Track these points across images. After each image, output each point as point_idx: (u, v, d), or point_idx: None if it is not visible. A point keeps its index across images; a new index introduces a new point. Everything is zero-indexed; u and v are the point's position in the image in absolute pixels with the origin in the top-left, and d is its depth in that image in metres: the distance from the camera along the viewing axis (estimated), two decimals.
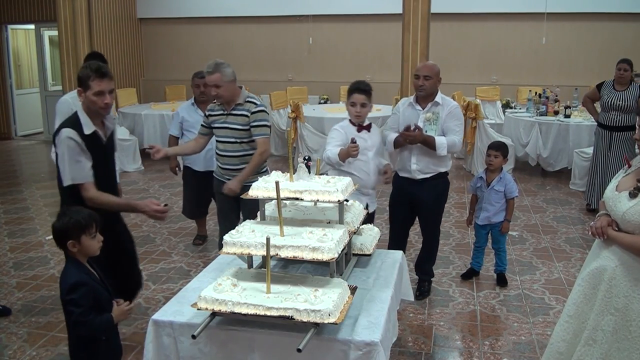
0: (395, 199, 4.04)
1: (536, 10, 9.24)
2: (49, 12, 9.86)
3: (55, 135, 2.84)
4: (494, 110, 9.25)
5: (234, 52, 10.81)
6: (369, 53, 10.27)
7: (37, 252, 5.00)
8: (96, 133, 2.84)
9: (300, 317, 1.96)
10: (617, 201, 2.31)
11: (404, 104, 3.92)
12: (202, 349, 2.15)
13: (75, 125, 2.77)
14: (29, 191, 7.14)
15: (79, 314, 2.29)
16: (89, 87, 2.73)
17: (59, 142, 2.76)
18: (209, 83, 3.57)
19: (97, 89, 2.73)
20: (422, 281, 4.10)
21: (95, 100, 2.75)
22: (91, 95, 2.74)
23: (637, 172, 2.35)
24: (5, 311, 3.78)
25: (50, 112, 10.62)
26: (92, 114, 2.81)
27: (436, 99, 3.76)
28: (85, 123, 2.79)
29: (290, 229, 2.30)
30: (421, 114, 3.77)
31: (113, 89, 2.84)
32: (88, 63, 2.87)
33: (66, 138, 2.72)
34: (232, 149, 3.71)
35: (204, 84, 4.58)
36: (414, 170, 3.79)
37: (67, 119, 2.87)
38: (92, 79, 2.72)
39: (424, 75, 3.70)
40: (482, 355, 3.28)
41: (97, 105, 2.77)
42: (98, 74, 2.73)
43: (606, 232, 2.33)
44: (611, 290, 2.28)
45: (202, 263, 4.69)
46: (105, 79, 2.75)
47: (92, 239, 2.38)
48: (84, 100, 2.80)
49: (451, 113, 3.76)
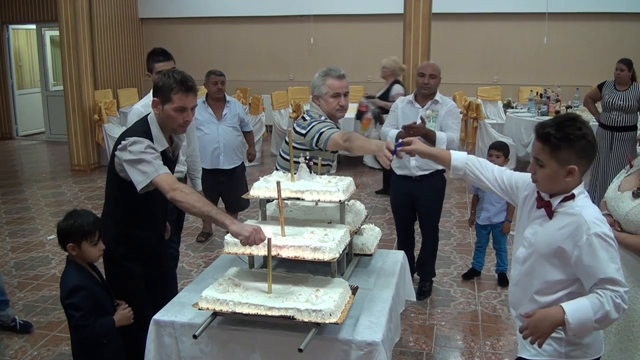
0: (396, 200, 4.08)
1: (538, 10, 9.23)
2: (50, 12, 9.87)
3: (117, 144, 2.40)
4: (495, 110, 9.23)
5: (235, 52, 10.82)
6: (370, 53, 10.25)
7: (38, 252, 5.00)
8: (166, 151, 2.49)
9: (301, 317, 1.96)
10: (620, 201, 2.30)
11: (402, 101, 3.97)
12: (204, 349, 2.15)
13: (146, 136, 2.39)
14: (30, 191, 7.15)
15: (78, 318, 2.29)
16: (170, 100, 2.36)
17: (132, 147, 2.33)
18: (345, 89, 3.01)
19: (180, 104, 2.37)
20: (423, 281, 4.10)
21: (174, 117, 2.38)
22: (171, 110, 2.37)
23: (639, 171, 2.34)
24: (26, 326, 3.59)
25: (51, 112, 10.64)
26: (165, 129, 2.47)
27: (436, 98, 3.84)
28: (157, 138, 2.43)
29: (292, 229, 2.30)
30: (420, 111, 3.82)
31: (196, 105, 2.49)
32: (170, 71, 2.45)
33: (145, 146, 2.32)
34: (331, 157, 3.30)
35: (221, 82, 4.84)
36: (413, 166, 3.82)
37: (135, 128, 2.48)
38: (175, 91, 2.35)
39: (429, 74, 3.77)
40: (484, 355, 3.27)
41: (176, 123, 2.41)
42: (183, 87, 2.35)
43: None
44: None
45: (204, 263, 4.70)
46: (190, 94, 2.39)
47: (92, 246, 2.38)
48: (160, 113, 2.41)
49: (450, 111, 3.83)
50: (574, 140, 1.77)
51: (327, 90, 2.93)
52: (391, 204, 4.18)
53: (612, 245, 1.76)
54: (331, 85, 2.93)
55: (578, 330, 1.75)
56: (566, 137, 1.77)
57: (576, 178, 1.83)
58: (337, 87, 2.93)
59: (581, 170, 1.82)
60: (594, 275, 1.74)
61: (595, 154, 1.87)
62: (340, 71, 2.97)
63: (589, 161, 1.84)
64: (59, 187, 7.41)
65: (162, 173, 2.30)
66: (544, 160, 1.81)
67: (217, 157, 4.87)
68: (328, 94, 2.93)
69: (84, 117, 8.25)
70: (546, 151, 1.80)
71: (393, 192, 4.09)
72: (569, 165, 1.79)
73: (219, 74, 4.84)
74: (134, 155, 2.31)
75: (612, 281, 1.72)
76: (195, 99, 2.47)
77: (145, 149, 2.32)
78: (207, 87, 4.90)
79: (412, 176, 3.86)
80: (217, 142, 4.85)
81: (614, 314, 1.71)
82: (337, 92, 2.94)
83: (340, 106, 2.96)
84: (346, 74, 3.01)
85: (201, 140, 4.77)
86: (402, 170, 3.89)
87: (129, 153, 2.32)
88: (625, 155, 5.04)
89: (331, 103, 2.94)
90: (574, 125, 1.78)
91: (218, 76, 4.83)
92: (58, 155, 9.41)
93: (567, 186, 1.84)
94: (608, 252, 1.74)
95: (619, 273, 1.74)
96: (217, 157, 4.87)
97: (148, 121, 2.47)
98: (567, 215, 1.82)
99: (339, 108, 2.97)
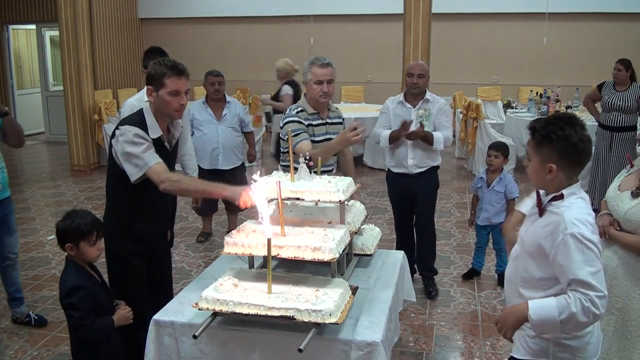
0: (395, 198, 4.15)
1: (537, 10, 9.24)
2: (50, 13, 9.87)
3: (112, 135, 2.51)
4: (495, 110, 9.24)
5: (235, 52, 10.82)
6: (370, 53, 10.27)
7: (38, 252, 5.00)
8: (161, 139, 2.55)
9: (301, 317, 1.95)
10: (619, 200, 2.32)
11: (392, 102, 4.03)
12: (203, 349, 2.14)
13: (141, 126, 2.46)
14: (30, 191, 7.15)
15: (77, 318, 2.29)
16: (164, 85, 2.44)
17: (121, 137, 2.43)
18: (328, 77, 3.14)
19: (174, 88, 2.44)
20: (427, 279, 4.11)
21: (169, 101, 2.45)
22: (165, 95, 2.44)
23: (639, 171, 2.36)
24: (41, 321, 3.67)
25: (51, 112, 10.64)
26: (160, 117, 2.53)
27: (426, 97, 3.92)
28: (152, 126, 2.49)
29: (292, 229, 2.30)
30: (413, 111, 3.90)
31: (189, 89, 2.55)
32: (161, 59, 2.54)
33: (133, 135, 2.41)
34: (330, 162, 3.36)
35: (219, 82, 4.79)
36: (410, 165, 3.92)
37: (129, 117, 2.56)
38: (167, 76, 2.43)
39: (418, 74, 3.85)
40: (484, 355, 3.27)
41: (172, 107, 2.47)
42: (175, 71, 2.44)
43: (608, 231, 2.34)
44: (611, 290, 2.29)
45: (204, 263, 4.70)
46: (182, 77, 2.47)
47: (91, 246, 2.38)
48: (155, 100, 2.49)
49: (441, 109, 3.94)
50: (555, 140, 1.78)
51: (312, 77, 3.14)
52: (390, 199, 4.24)
53: (591, 248, 1.72)
54: (315, 72, 3.13)
55: (540, 327, 1.76)
56: (548, 136, 1.79)
57: (559, 178, 1.82)
58: (320, 75, 3.12)
59: (563, 171, 1.82)
60: (565, 275, 1.73)
61: (584, 158, 1.84)
62: (326, 60, 3.15)
63: (572, 164, 1.82)
64: (58, 187, 7.41)
65: (152, 164, 2.40)
66: (530, 155, 1.87)
67: (215, 158, 4.86)
68: (312, 81, 3.14)
69: (84, 117, 8.26)
70: (531, 145, 1.86)
71: (391, 187, 4.14)
72: (549, 164, 1.81)
73: (216, 74, 4.81)
74: (123, 149, 2.41)
75: (583, 284, 1.69)
76: (188, 83, 2.53)
77: (133, 138, 2.40)
78: (205, 87, 4.88)
79: (409, 173, 3.94)
80: (216, 143, 4.84)
81: (581, 317, 1.67)
82: (319, 80, 3.12)
83: (323, 92, 3.14)
84: (332, 63, 3.18)
85: (200, 141, 4.78)
86: (400, 169, 3.98)
87: (119, 144, 2.43)
88: (625, 155, 5.04)
89: (315, 89, 3.14)
90: (558, 124, 1.80)
91: (215, 77, 4.80)
92: (58, 156, 9.41)
93: (551, 184, 1.85)
94: (584, 255, 1.71)
95: (594, 277, 1.70)
96: (215, 158, 4.86)
97: (143, 111, 2.54)
98: (552, 214, 1.83)
99: (322, 94, 3.15)
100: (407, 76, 3.91)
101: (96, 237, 2.39)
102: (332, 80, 3.16)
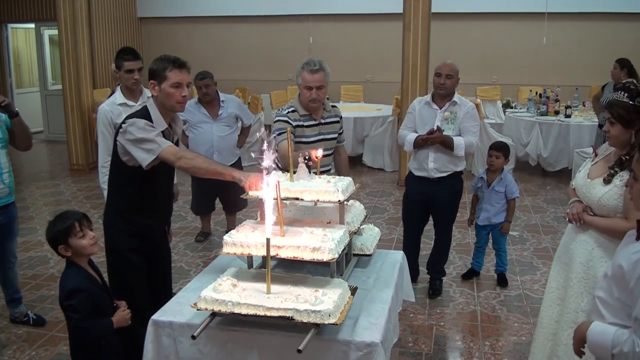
0: (411, 198, 4.02)
1: (537, 10, 9.23)
2: (49, 11, 9.85)
3: (118, 131, 2.54)
4: (494, 110, 9.24)
5: (234, 51, 10.81)
6: (369, 53, 10.25)
7: (36, 251, 4.99)
8: (166, 133, 2.57)
9: (300, 317, 1.95)
10: (592, 188, 2.43)
11: (419, 102, 3.91)
12: (202, 349, 2.14)
13: (147, 119, 2.51)
14: (28, 190, 7.13)
15: (77, 320, 2.28)
16: (166, 78, 2.49)
17: (130, 127, 2.46)
18: (317, 83, 3.10)
19: (176, 80, 2.49)
20: (433, 279, 4.10)
21: (172, 93, 2.50)
22: (168, 87, 2.49)
23: (606, 159, 2.48)
24: (40, 320, 3.68)
25: (50, 111, 10.62)
26: (164, 112, 2.58)
27: (454, 99, 3.77)
28: (157, 120, 2.54)
29: (291, 229, 2.29)
30: (439, 112, 3.77)
31: (190, 82, 2.61)
32: (162, 55, 2.60)
33: (144, 123, 2.45)
34: (327, 162, 3.31)
35: (205, 85, 4.71)
36: (431, 168, 3.80)
37: (134, 113, 2.61)
38: (169, 69, 2.49)
39: (446, 74, 3.69)
40: (483, 355, 3.27)
41: (174, 99, 2.52)
42: (176, 64, 2.51)
43: (582, 217, 2.45)
44: (588, 272, 2.43)
45: (202, 263, 4.69)
46: (184, 70, 2.52)
47: (80, 239, 2.36)
48: (158, 94, 2.54)
49: (468, 113, 3.76)
50: None
51: (301, 82, 3.13)
52: (404, 202, 4.08)
53: None
54: (304, 78, 3.11)
55: (593, 351, 1.73)
56: None
57: None
58: (309, 81, 3.09)
59: None
60: (636, 310, 1.60)
61: None
62: (316, 65, 3.08)
63: None
64: (57, 186, 7.40)
65: (165, 146, 2.46)
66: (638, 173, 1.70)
67: (211, 156, 4.74)
68: (302, 85, 3.13)
69: (83, 116, 8.24)
70: None
71: (409, 190, 4.02)
72: None
73: (201, 77, 4.71)
74: (135, 135, 2.44)
75: None
76: (189, 76, 2.58)
77: (144, 126, 2.46)
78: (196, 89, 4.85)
79: (430, 178, 3.83)
80: (211, 141, 4.82)
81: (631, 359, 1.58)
82: (308, 85, 3.09)
83: (312, 98, 3.11)
84: (326, 66, 3.12)
85: (195, 140, 4.76)
86: (421, 172, 3.86)
87: (129, 134, 2.46)
88: None
89: (304, 94, 3.13)
90: None
91: (200, 80, 4.71)
92: (57, 155, 9.40)
93: None
94: None
95: None
96: (211, 156, 4.74)
97: (147, 107, 2.60)
98: None
99: (311, 100, 3.12)
100: (435, 76, 3.74)
101: (80, 227, 2.36)
102: (323, 87, 3.11)
